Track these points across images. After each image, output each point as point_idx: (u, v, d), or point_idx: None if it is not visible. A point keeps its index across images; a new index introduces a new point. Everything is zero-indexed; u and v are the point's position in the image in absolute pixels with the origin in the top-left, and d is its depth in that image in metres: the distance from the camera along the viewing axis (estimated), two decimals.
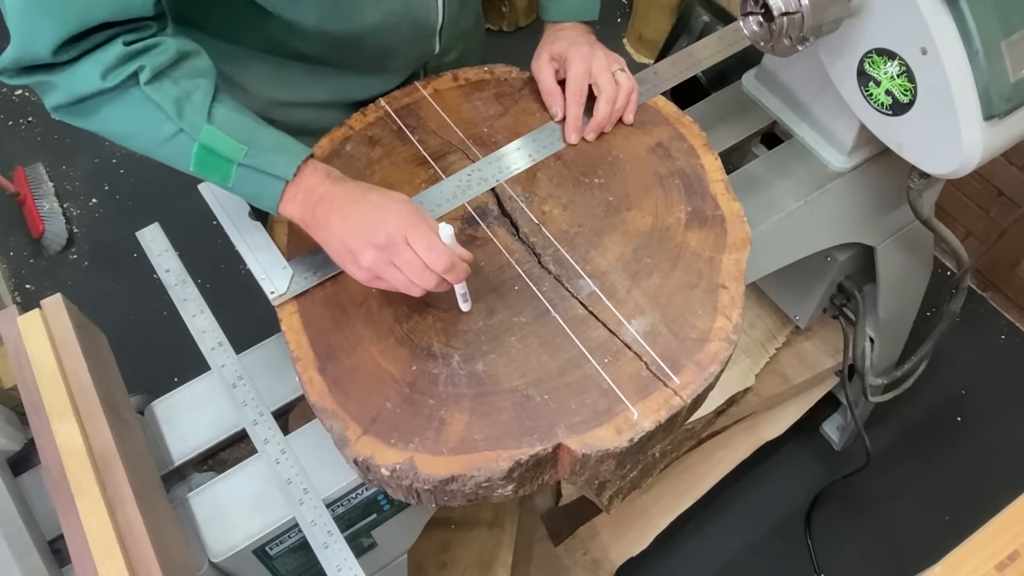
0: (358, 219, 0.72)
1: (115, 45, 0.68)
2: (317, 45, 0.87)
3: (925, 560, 0.79)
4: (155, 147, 0.74)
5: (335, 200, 0.74)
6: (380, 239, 0.70)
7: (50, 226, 2.13)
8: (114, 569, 0.68)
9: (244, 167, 0.73)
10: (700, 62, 1.06)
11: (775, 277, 1.13)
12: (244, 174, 0.74)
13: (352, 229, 0.72)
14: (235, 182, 0.74)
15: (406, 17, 0.87)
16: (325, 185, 0.75)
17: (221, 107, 0.74)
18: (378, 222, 0.71)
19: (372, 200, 0.73)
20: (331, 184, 0.75)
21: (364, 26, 0.85)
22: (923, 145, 0.88)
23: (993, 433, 1.83)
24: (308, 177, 0.75)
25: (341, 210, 0.73)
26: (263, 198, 0.76)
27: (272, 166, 0.74)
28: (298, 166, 0.74)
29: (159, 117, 0.71)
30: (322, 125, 0.96)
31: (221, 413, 0.86)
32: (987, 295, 2.03)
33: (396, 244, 0.70)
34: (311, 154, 0.76)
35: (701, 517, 1.65)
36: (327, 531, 0.75)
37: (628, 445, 0.71)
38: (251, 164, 0.73)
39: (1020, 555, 0.78)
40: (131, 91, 0.70)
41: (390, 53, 0.92)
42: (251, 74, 0.93)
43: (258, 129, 0.75)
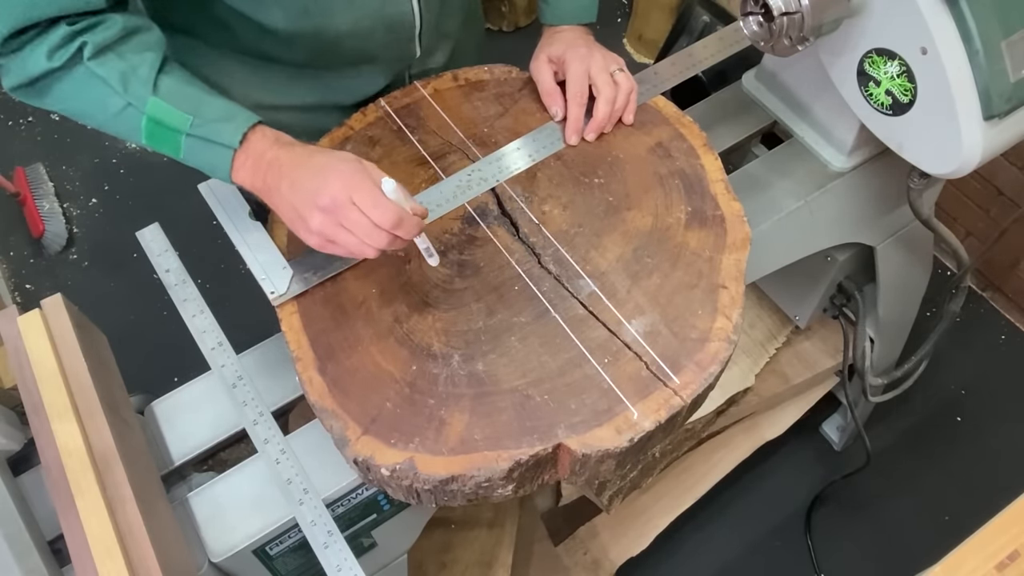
0: (304, 183, 0.72)
1: (59, 27, 0.70)
2: (294, 48, 0.87)
3: (925, 560, 0.79)
4: (108, 122, 0.74)
5: (283, 166, 0.73)
6: (325, 202, 0.70)
7: (50, 226, 2.13)
8: (114, 569, 0.68)
9: (192, 137, 0.73)
10: (700, 62, 1.06)
11: (775, 277, 1.13)
12: (193, 144, 0.73)
13: (299, 194, 0.72)
14: (185, 153, 0.74)
15: (380, 20, 0.87)
16: (273, 150, 0.74)
17: (167, 78, 0.74)
18: (322, 185, 0.70)
19: (317, 163, 0.72)
20: (279, 149, 0.74)
21: (337, 29, 0.85)
22: (923, 145, 0.88)
23: (993, 433, 1.83)
24: (256, 144, 0.74)
25: (289, 175, 0.72)
26: (215, 168, 0.75)
27: (218, 135, 0.73)
28: (244, 133, 0.74)
29: (106, 92, 0.71)
30: (306, 128, 0.96)
31: (221, 413, 0.86)
32: (987, 295, 2.03)
33: (342, 205, 0.69)
34: (259, 120, 0.75)
35: (701, 517, 1.65)
36: (327, 531, 0.75)
37: (628, 445, 0.71)
38: (198, 134, 0.73)
39: (1020, 555, 0.78)
40: (77, 68, 0.71)
41: (368, 57, 0.92)
42: (232, 77, 0.93)
43: (205, 99, 0.75)
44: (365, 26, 0.86)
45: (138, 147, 2.38)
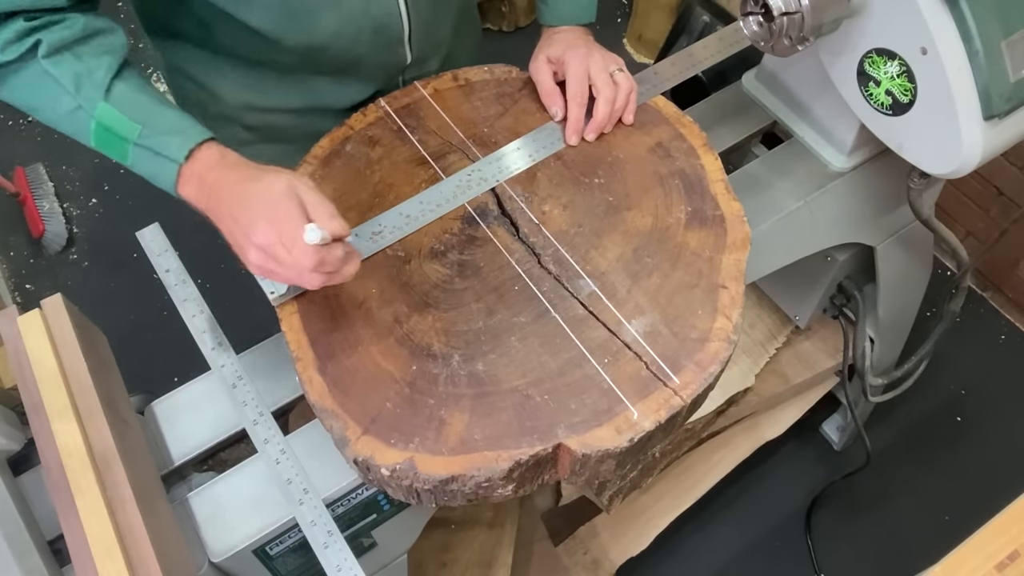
0: (239, 217, 0.70)
1: (16, 21, 0.69)
2: (281, 51, 0.87)
3: (925, 560, 0.79)
4: (58, 121, 0.74)
5: (222, 193, 0.72)
6: (258, 240, 0.68)
7: (50, 226, 2.13)
8: (114, 569, 0.68)
9: (139, 147, 0.72)
10: (700, 62, 1.06)
11: (775, 277, 1.13)
12: (140, 154, 0.73)
13: (236, 228, 0.70)
14: (132, 161, 0.74)
15: (367, 25, 0.87)
16: (215, 172, 0.73)
17: (122, 84, 0.73)
18: (253, 221, 0.69)
19: (250, 194, 0.70)
20: (221, 171, 0.73)
21: (323, 32, 0.85)
22: (923, 145, 0.88)
23: (993, 433, 1.83)
24: (202, 161, 0.73)
25: (227, 205, 0.71)
26: (160, 180, 0.75)
27: (165, 147, 0.72)
28: (191, 149, 0.73)
29: (58, 91, 0.71)
30: (301, 131, 0.96)
31: (221, 413, 0.86)
32: (987, 295, 2.03)
33: (271, 244, 0.68)
34: (210, 136, 0.74)
35: (701, 517, 1.65)
36: (327, 531, 0.75)
37: (628, 445, 0.71)
38: (145, 144, 0.72)
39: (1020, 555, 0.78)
40: (31, 65, 0.70)
41: (357, 61, 0.92)
42: (223, 78, 0.93)
43: (157, 109, 0.74)
44: (352, 29, 0.86)
45: None
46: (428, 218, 0.87)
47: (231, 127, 0.99)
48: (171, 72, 0.98)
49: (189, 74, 0.95)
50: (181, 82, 0.97)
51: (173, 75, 0.98)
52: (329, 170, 0.91)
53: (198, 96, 0.97)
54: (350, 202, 0.88)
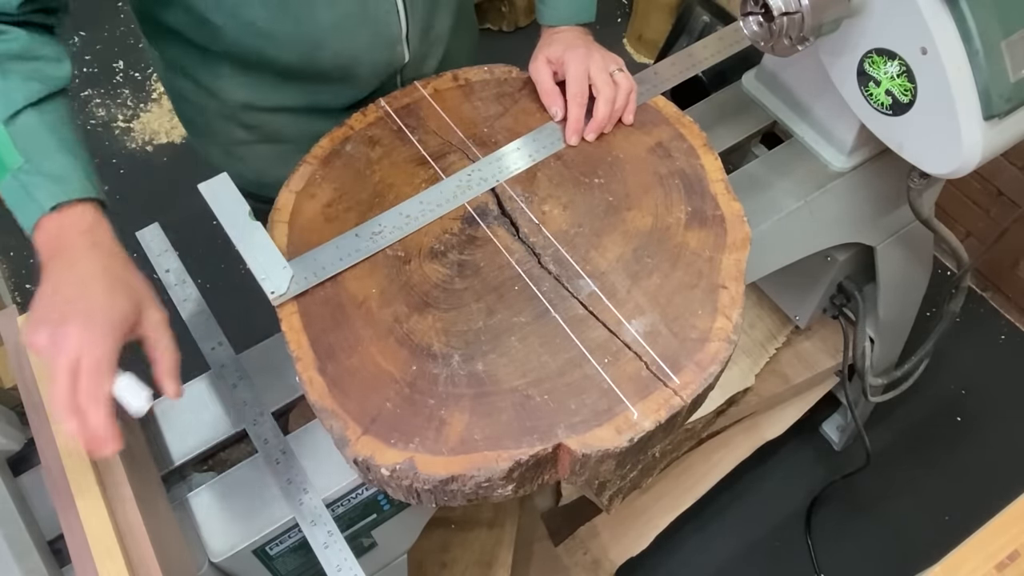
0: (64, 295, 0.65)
1: None
2: (279, 48, 0.86)
3: (925, 560, 0.79)
4: None
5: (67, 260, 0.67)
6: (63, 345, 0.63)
7: None
8: (114, 569, 0.68)
9: (15, 180, 0.68)
10: (700, 62, 1.06)
11: (775, 277, 1.13)
12: (10, 186, 0.69)
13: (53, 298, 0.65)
14: (3, 188, 0.69)
15: (364, 21, 0.87)
16: (74, 238, 0.68)
17: (34, 115, 0.70)
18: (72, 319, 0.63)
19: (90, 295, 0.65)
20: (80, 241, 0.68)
21: (319, 28, 0.84)
22: (923, 145, 0.88)
23: (993, 433, 1.83)
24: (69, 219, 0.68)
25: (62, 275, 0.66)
26: (20, 217, 0.69)
27: (36, 188, 0.68)
28: (60, 203, 0.68)
29: None
30: (297, 131, 0.96)
31: (221, 413, 0.86)
32: (987, 295, 2.03)
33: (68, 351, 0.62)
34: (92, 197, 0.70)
35: (701, 517, 1.65)
36: (327, 531, 0.75)
37: (628, 445, 0.71)
38: (21, 179, 0.68)
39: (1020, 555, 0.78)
40: None
41: (354, 59, 0.92)
42: (221, 78, 0.93)
43: (55, 152, 0.70)
44: (349, 25, 0.86)
45: (138, 147, 2.38)
46: (428, 218, 0.87)
47: (229, 126, 0.99)
48: (169, 71, 0.98)
49: (187, 72, 0.95)
50: (179, 81, 0.97)
51: (171, 74, 0.98)
52: (329, 170, 0.91)
53: (196, 95, 0.97)
54: (350, 202, 0.88)
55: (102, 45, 2.58)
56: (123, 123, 2.42)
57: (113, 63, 2.54)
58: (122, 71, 2.53)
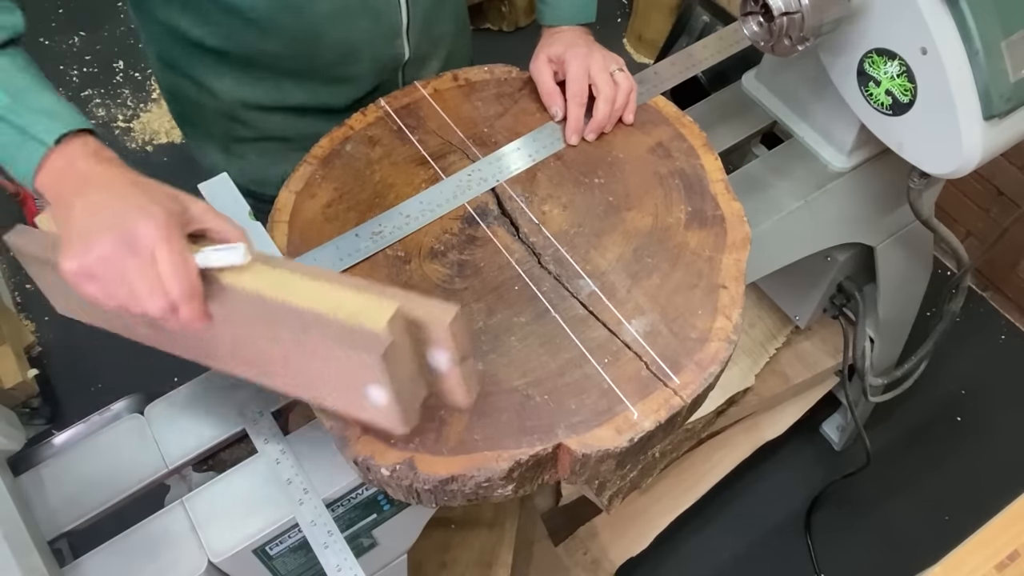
0: (110, 211, 0.60)
1: None
2: (276, 38, 0.86)
3: (925, 560, 0.79)
4: None
5: (91, 183, 0.62)
6: (125, 237, 0.58)
7: None
8: None
9: (3, 121, 0.63)
10: (700, 62, 1.06)
11: (775, 277, 1.13)
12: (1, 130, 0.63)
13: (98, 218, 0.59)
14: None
15: (364, 10, 0.86)
16: (89, 162, 0.63)
17: (4, 59, 0.64)
18: (129, 221, 0.58)
19: (134, 200, 0.60)
20: (96, 164, 0.63)
21: (318, 17, 0.84)
22: (923, 145, 0.88)
23: (993, 433, 1.83)
24: (75, 149, 0.63)
25: (96, 196, 0.61)
26: (17, 162, 0.63)
27: (33, 126, 0.62)
28: (63, 134, 0.63)
29: None
30: (296, 132, 0.96)
31: (221, 413, 0.86)
32: (987, 295, 2.03)
33: (139, 251, 0.58)
34: (90, 130, 0.65)
35: (701, 517, 1.65)
36: (327, 531, 0.75)
37: (628, 445, 0.71)
38: (11, 119, 0.62)
39: (1020, 555, 0.78)
40: None
41: (353, 53, 0.91)
42: (219, 76, 0.93)
43: (36, 88, 0.65)
44: (348, 14, 0.85)
45: (138, 147, 2.38)
46: (428, 218, 0.87)
47: (228, 124, 0.99)
48: (165, 70, 0.97)
49: (185, 71, 0.95)
50: (177, 80, 0.97)
51: (168, 72, 0.98)
52: (329, 170, 0.91)
53: (195, 94, 0.97)
54: (350, 202, 0.88)
55: (102, 45, 2.58)
56: (123, 123, 2.42)
57: (113, 63, 2.54)
58: (122, 71, 2.53)
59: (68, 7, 2.66)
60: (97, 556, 0.78)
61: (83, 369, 1.91)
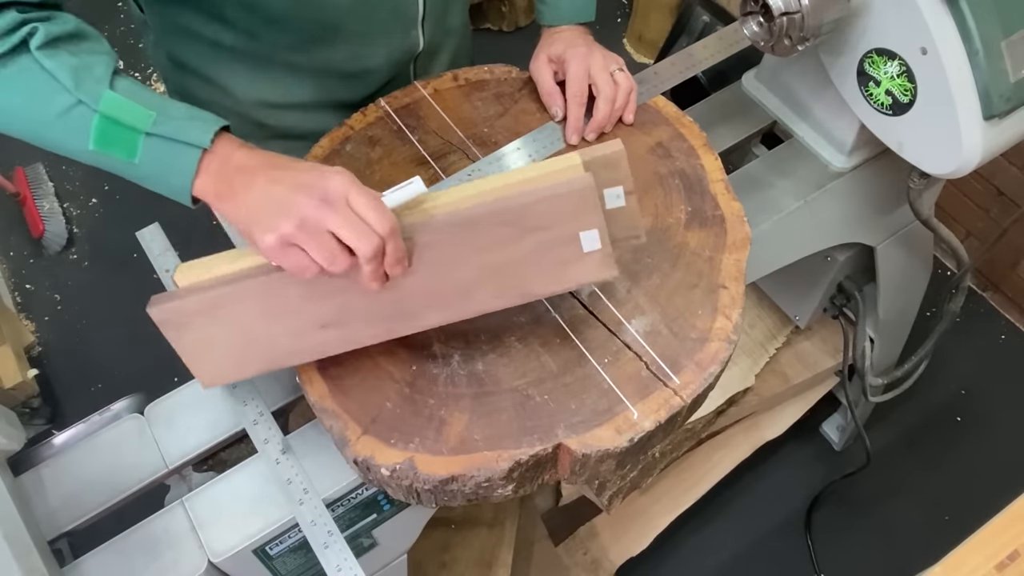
0: (291, 179, 0.63)
1: (8, 12, 0.63)
2: (294, 36, 0.86)
3: (925, 560, 0.79)
4: (47, 124, 0.65)
5: (258, 167, 0.65)
6: (316, 195, 0.62)
7: (50, 226, 2.13)
8: None
9: (153, 137, 0.64)
10: (700, 62, 1.06)
11: (775, 277, 1.13)
12: (153, 146, 0.65)
13: (283, 187, 0.63)
14: (142, 156, 0.65)
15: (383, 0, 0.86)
16: (242, 153, 0.66)
17: (124, 80, 0.66)
18: (316, 180, 0.63)
19: (304, 167, 0.65)
20: (249, 152, 0.66)
21: (338, 9, 0.84)
22: (923, 145, 0.88)
23: (993, 433, 1.83)
24: (225, 145, 0.66)
25: (268, 173, 0.64)
26: (174, 174, 0.66)
27: (185, 133, 0.65)
28: (216, 132, 0.66)
29: (53, 88, 0.63)
30: (310, 129, 0.96)
31: (221, 413, 0.86)
32: (987, 295, 2.03)
33: (334, 202, 0.62)
34: (227, 125, 0.68)
35: (701, 517, 1.65)
36: (327, 531, 0.75)
37: (628, 445, 0.71)
38: (161, 132, 0.64)
39: (1020, 555, 0.78)
40: (22, 57, 0.63)
41: (370, 45, 0.91)
42: (234, 74, 0.93)
43: (167, 101, 0.67)
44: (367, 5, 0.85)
45: None
46: None
47: (242, 124, 0.98)
48: (177, 70, 0.97)
49: (198, 71, 0.94)
50: (188, 81, 0.96)
51: (179, 73, 0.97)
52: None
53: (208, 94, 0.96)
54: None
55: None
56: None
57: None
58: None
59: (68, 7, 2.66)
60: (97, 556, 0.78)
61: (83, 369, 1.91)
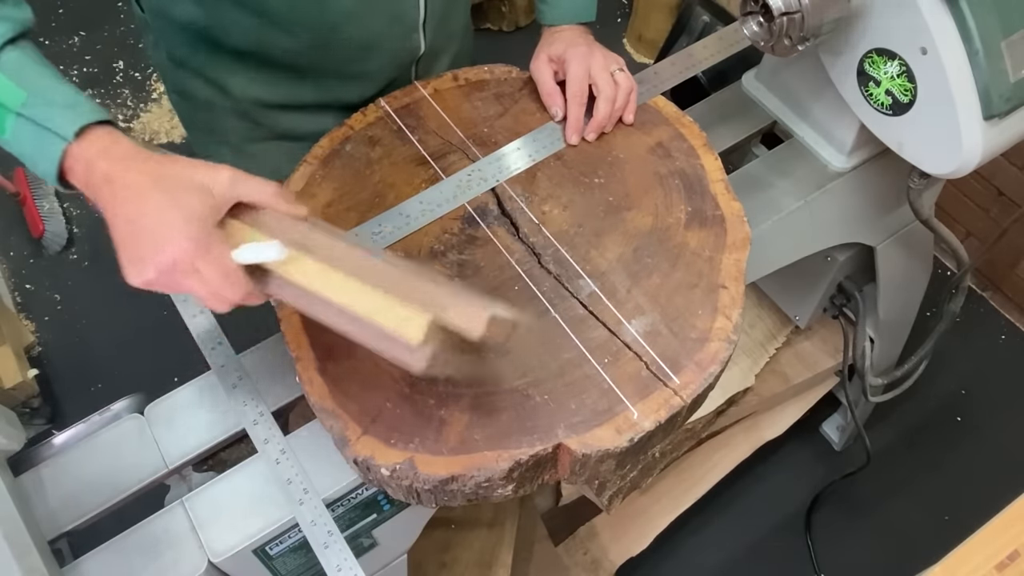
0: (140, 229, 0.60)
1: None
2: (295, 39, 0.86)
3: (925, 560, 0.79)
4: None
5: (116, 191, 0.61)
6: (164, 261, 0.60)
7: (50, 226, 2.13)
8: None
9: (21, 118, 0.62)
10: (700, 62, 1.06)
11: (775, 277, 1.13)
12: (20, 127, 0.62)
13: (134, 241, 0.61)
14: (11, 135, 0.63)
15: (384, 4, 0.86)
16: (105, 162, 0.62)
17: (16, 52, 0.63)
18: (162, 241, 0.59)
19: (154, 205, 0.60)
20: (113, 162, 0.62)
21: (339, 12, 0.84)
22: (923, 145, 0.88)
23: (993, 433, 1.83)
24: (92, 144, 0.62)
25: (124, 209, 0.61)
26: (40, 160, 0.63)
27: (50, 120, 0.61)
28: (83, 127, 0.61)
29: None
30: (310, 130, 0.96)
31: (221, 413, 0.86)
32: (987, 295, 2.03)
33: (183, 271, 0.60)
34: (106, 120, 0.64)
35: (701, 517, 1.65)
36: (327, 531, 0.75)
37: (628, 445, 0.71)
38: (28, 115, 0.61)
39: (1020, 555, 0.78)
40: None
41: (371, 48, 0.91)
42: (234, 75, 0.93)
43: (51, 82, 0.64)
44: (368, 9, 0.85)
45: None
46: (428, 218, 0.87)
47: (241, 124, 0.98)
48: (177, 69, 0.97)
49: (198, 70, 0.94)
50: (188, 79, 0.96)
51: (179, 72, 0.97)
52: (329, 170, 0.91)
53: (208, 93, 0.96)
54: (350, 202, 0.88)
55: (102, 45, 2.57)
56: (123, 123, 2.42)
57: (113, 63, 2.54)
58: (122, 71, 2.53)
59: (68, 7, 2.66)
60: (97, 556, 0.78)
61: (83, 369, 1.91)
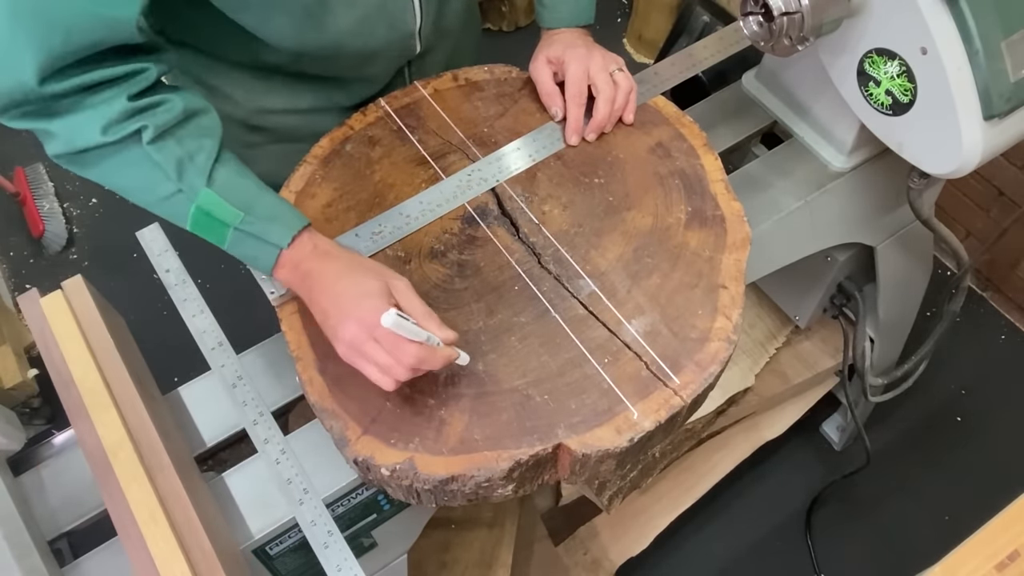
0: (330, 313, 0.72)
1: (119, 100, 0.68)
2: (297, 57, 0.86)
3: (925, 560, 0.79)
4: (153, 204, 0.74)
5: (313, 286, 0.74)
6: (347, 336, 0.70)
7: (50, 226, 2.13)
8: (159, 533, 0.68)
9: (240, 232, 0.74)
10: (700, 62, 1.06)
11: (775, 277, 1.13)
12: (240, 238, 0.74)
13: (328, 321, 0.72)
14: (230, 244, 0.75)
15: (382, 19, 0.86)
16: (309, 262, 0.75)
17: (223, 169, 0.74)
18: (343, 321, 0.70)
19: (340, 292, 0.72)
20: (314, 262, 0.75)
21: (340, 32, 0.84)
22: (923, 145, 0.88)
23: (993, 433, 1.83)
24: (298, 249, 0.75)
25: (319, 300, 0.73)
26: (257, 261, 0.76)
27: (268, 233, 0.74)
28: (293, 236, 0.75)
29: (159, 177, 0.71)
30: (311, 131, 0.96)
31: (221, 413, 0.86)
32: (987, 295, 2.03)
33: (362, 343, 0.69)
34: (307, 224, 0.76)
35: (701, 517, 1.65)
36: (327, 531, 0.75)
37: (628, 445, 0.71)
38: (247, 230, 0.73)
39: (1020, 555, 0.78)
40: (132, 148, 0.70)
41: (370, 57, 0.91)
42: (236, 84, 0.93)
43: (257, 194, 0.75)
44: (368, 26, 0.85)
45: None
46: (428, 218, 0.87)
47: (241, 130, 0.98)
48: (179, 77, 0.97)
49: (199, 79, 0.94)
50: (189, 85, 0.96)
51: (181, 80, 0.97)
52: (329, 170, 0.91)
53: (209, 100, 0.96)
54: (350, 202, 0.88)
55: None
56: None
57: None
58: None
59: None
60: (97, 556, 0.78)
61: None
